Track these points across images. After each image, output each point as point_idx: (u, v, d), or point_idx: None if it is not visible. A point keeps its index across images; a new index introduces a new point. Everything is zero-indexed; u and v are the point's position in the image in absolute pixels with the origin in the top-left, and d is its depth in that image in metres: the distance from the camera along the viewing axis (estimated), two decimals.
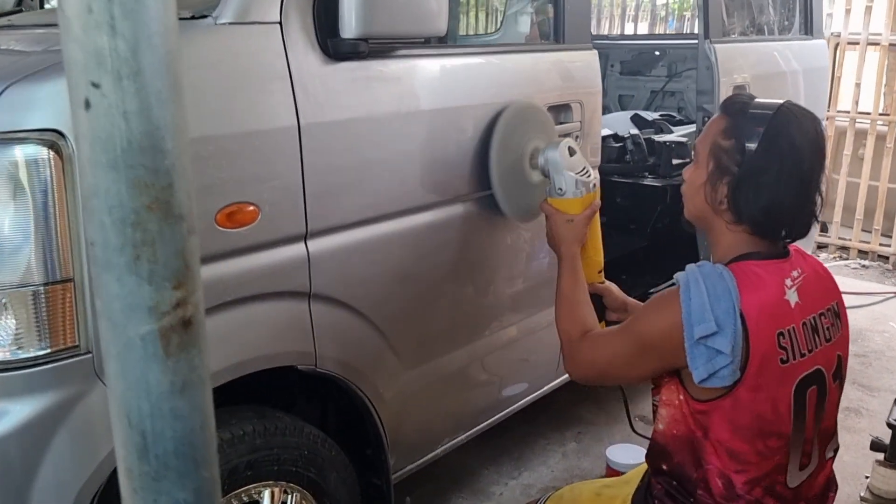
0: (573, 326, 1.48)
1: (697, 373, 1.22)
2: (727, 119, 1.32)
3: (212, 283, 1.35)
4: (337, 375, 1.60)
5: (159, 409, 0.54)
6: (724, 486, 1.29)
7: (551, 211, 1.64)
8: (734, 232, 1.32)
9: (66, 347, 1.22)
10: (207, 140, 1.31)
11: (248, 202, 1.38)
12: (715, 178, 1.31)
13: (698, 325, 1.22)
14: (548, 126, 1.92)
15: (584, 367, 1.45)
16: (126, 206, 0.50)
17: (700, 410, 1.29)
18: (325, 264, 1.52)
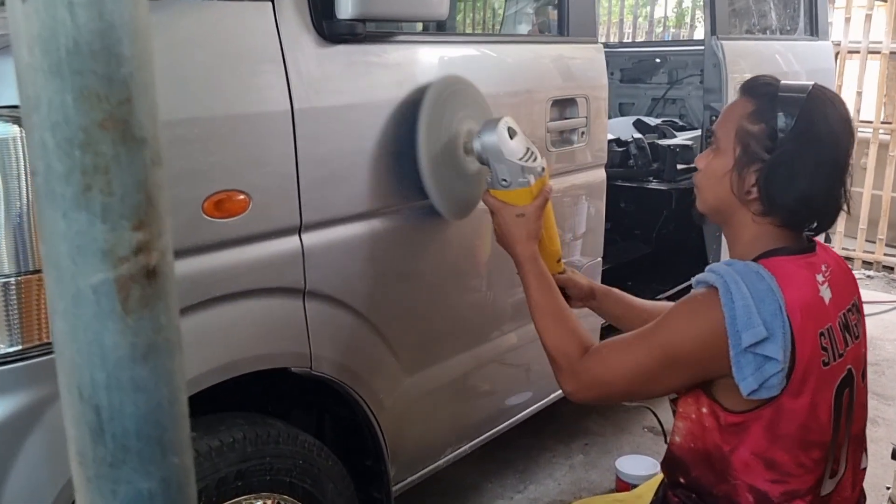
0: (569, 343, 1.28)
1: (747, 384, 1.11)
2: (753, 102, 1.21)
3: (199, 276, 1.26)
4: (334, 379, 1.50)
5: (117, 379, 0.44)
6: (756, 499, 1.19)
7: (497, 205, 1.40)
8: (760, 224, 1.21)
9: (40, 344, 1.12)
10: (194, 122, 1.22)
11: (238, 190, 1.28)
12: (742, 165, 1.20)
13: (746, 332, 1.10)
14: (481, 104, 1.63)
15: (595, 388, 1.26)
16: (73, 122, 0.41)
17: (735, 423, 1.18)
18: (320, 259, 1.42)
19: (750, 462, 1.18)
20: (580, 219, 2.09)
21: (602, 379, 1.25)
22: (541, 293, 1.36)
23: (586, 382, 1.26)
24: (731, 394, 1.17)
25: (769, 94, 1.21)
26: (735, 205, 1.23)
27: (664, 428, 1.42)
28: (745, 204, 1.21)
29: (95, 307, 0.43)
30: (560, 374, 1.29)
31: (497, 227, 1.43)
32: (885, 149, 4.66)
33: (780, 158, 1.17)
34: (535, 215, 1.40)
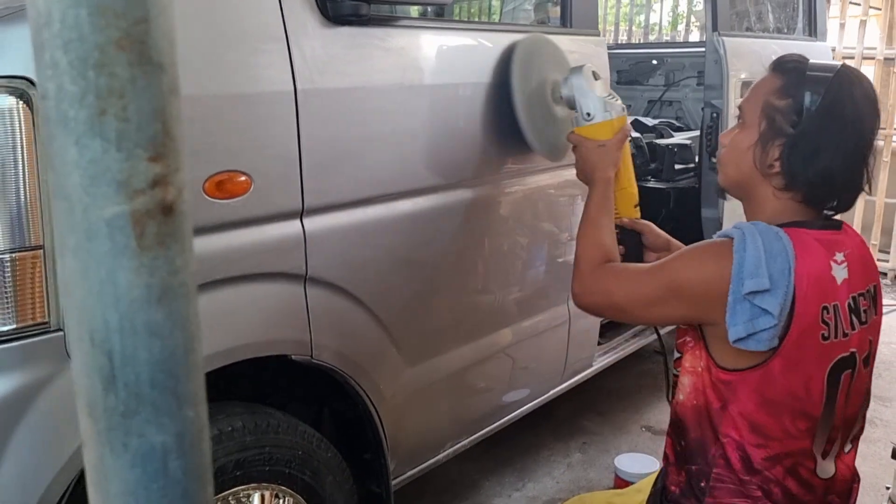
0: (594, 250, 1.36)
1: (735, 330, 1.14)
2: (781, 78, 1.22)
3: (200, 258, 1.22)
4: (334, 368, 1.47)
5: (130, 323, 0.41)
6: (742, 459, 1.21)
7: (580, 140, 1.51)
8: (780, 199, 1.22)
9: (34, 324, 1.09)
10: (195, 100, 1.19)
11: (239, 171, 1.25)
12: (767, 138, 1.21)
13: (750, 279, 1.13)
14: (562, 58, 1.79)
15: (597, 295, 1.34)
16: (88, 39, 0.38)
17: (724, 380, 1.21)
18: (322, 245, 1.39)
19: (737, 422, 1.21)
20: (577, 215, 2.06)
21: (606, 287, 1.32)
22: (595, 207, 1.43)
23: (591, 287, 1.34)
24: (723, 349, 1.20)
25: (797, 70, 1.21)
26: (757, 179, 1.24)
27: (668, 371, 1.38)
28: (768, 178, 1.22)
29: (109, 243, 0.40)
30: (575, 275, 1.36)
31: (578, 160, 1.52)
32: (879, 154, 4.67)
33: (804, 133, 1.17)
34: (615, 147, 1.49)
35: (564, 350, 2.09)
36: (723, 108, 2.43)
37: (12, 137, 1.04)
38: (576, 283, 1.35)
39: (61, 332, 1.10)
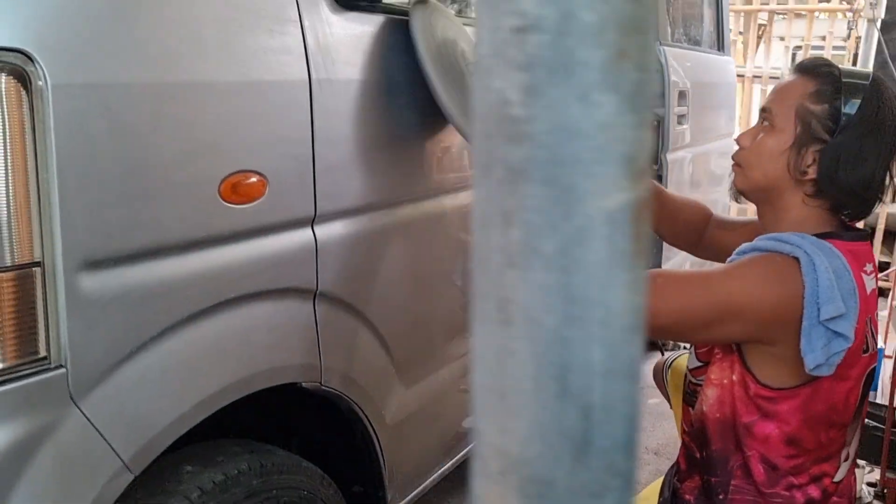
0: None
1: (814, 357, 1.09)
2: (814, 82, 1.19)
3: (215, 273, 1.04)
4: (342, 394, 1.31)
5: (616, 362, 0.28)
6: (766, 471, 1.19)
7: None
8: (809, 206, 1.19)
9: (29, 361, 0.86)
10: (209, 87, 1.01)
11: (254, 171, 1.08)
12: (802, 143, 1.17)
13: (827, 305, 1.08)
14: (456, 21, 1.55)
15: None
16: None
17: (766, 397, 1.17)
18: (332, 256, 1.24)
19: (771, 436, 1.18)
20: None
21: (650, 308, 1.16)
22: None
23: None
24: (767, 366, 1.16)
25: (832, 75, 1.19)
26: (787, 184, 1.20)
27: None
28: (799, 184, 1.19)
29: (605, 247, 0.27)
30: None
31: None
32: None
33: (846, 141, 1.15)
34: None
35: None
36: (665, 115, 2.47)
37: (6, 125, 0.82)
38: None
39: (63, 368, 0.88)
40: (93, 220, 0.89)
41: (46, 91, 0.83)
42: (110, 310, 0.91)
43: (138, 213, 0.93)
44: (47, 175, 0.85)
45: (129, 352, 0.95)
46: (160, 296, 0.97)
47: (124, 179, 0.91)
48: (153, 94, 0.94)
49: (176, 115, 0.97)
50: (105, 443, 0.92)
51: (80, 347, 0.89)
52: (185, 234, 0.99)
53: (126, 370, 0.94)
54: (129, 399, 0.95)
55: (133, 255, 0.93)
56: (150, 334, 0.97)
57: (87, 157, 0.88)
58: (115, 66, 0.90)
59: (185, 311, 1.00)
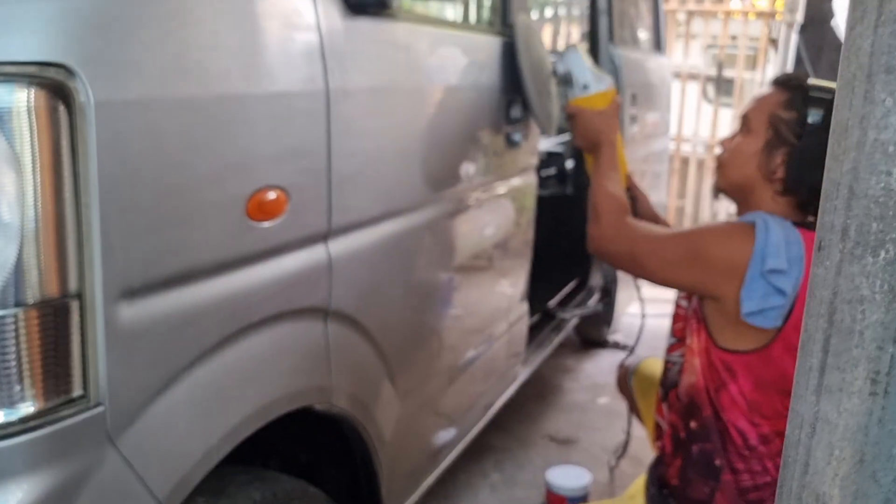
0: (613, 201, 1.45)
1: (749, 304, 1.24)
2: (786, 93, 1.35)
3: (242, 296, 1.00)
4: (348, 414, 1.27)
5: None
6: (741, 437, 1.33)
7: (579, 109, 1.62)
8: (778, 203, 1.35)
9: (66, 401, 0.79)
10: (238, 100, 0.95)
11: (277, 186, 1.03)
12: (772, 146, 1.34)
13: (772, 258, 1.24)
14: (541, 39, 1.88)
15: (619, 242, 1.42)
16: None
17: (723, 361, 1.32)
18: (343, 272, 1.20)
19: (736, 400, 1.32)
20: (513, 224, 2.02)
21: (629, 237, 1.41)
22: (608, 167, 1.53)
23: (613, 233, 1.42)
24: (724, 329, 1.32)
25: (801, 87, 1.35)
26: (758, 182, 1.36)
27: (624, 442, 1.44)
28: (769, 182, 1.35)
29: None
30: (594, 221, 1.46)
31: (580, 127, 1.61)
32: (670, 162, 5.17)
33: (810, 145, 1.30)
34: (612, 113, 1.62)
35: (506, 353, 2.04)
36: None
37: (42, 149, 0.75)
38: (595, 228, 1.45)
39: (102, 407, 0.82)
40: (132, 245, 0.83)
41: (89, 108, 0.76)
42: (145, 341, 0.85)
43: (173, 235, 0.87)
44: (88, 199, 0.78)
45: (162, 385, 0.89)
46: (190, 323, 0.91)
47: (161, 201, 0.85)
48: (188, 109, 0.88)
49: (208, 130, 0.91)
50: (142, 483, 0.86)
51: (118, 383, 0.83)
52: (215, 256, 0.94)
53: (159, 404, 0.88)
54: (162, 435, 0.89)
55: (167, 281, 0.87)
56: (182, 364, 0.91)
57: (127, 179, 0.81)
58: (153, 81, 0.83)
59: (213, 338, 0.95)
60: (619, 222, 1.42)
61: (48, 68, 0.74)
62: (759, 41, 5.29)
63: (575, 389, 3.03)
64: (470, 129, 1.57)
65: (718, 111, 5.12)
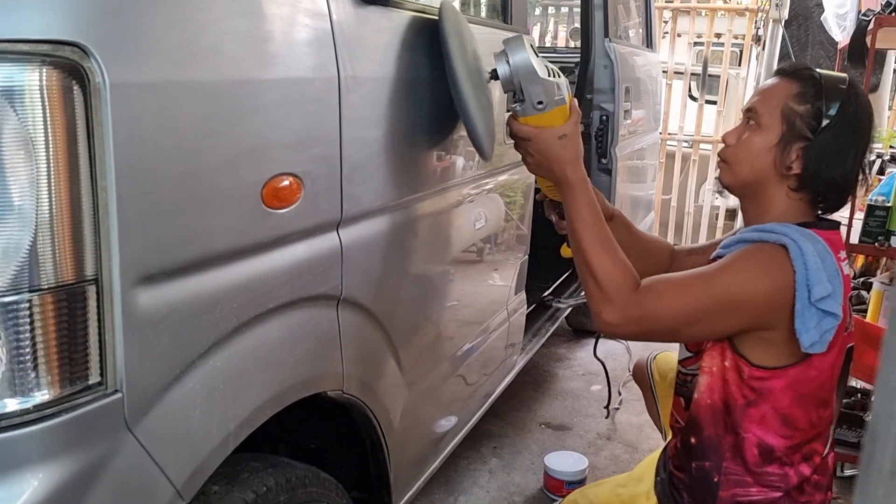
0: (621, 274, 1.21)
1: (808, 336, 1.18)
2: (798, 84, 1.28)
3: (258, 283, 0.99)
4: (359, 401, 1.26)
5: None
6: (761, 453, 1.27)
7: (534, 132, 1.24)
8: (791, 199, 1.29)
9: (83, 388, 0.78)
10: (254, 85, 0.94)
11: (291, 174, 1.02)
12: (787, 141, 1.26)
13: (817, 286, 1.17)
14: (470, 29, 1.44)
15: (642, 322, 1.20)
16: None
17: (759, 377, 1.25)
18: (354, 260, 1.19)
19: (767, 416, 1.25)
20: (514, 214, 2.02)
21: (652, 313, 1.20)
22: (593, 218, 1.25)
23: (634, 315, 1.20)
24: (759, 349, 1.24)
25: (813, 78, 1.28)
26: (772, 178, 1.28)
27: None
28: (784, 178, 1.27)
29: None
30: (605, 304, 1.20)
31: (535, 154, 1.27)
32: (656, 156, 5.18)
33: (827, 139, 1.24)
34: (575, 132, 1.27)
35: (506, 340, 2.04)
36: (613, 111, 2.52)
37: (57, 130, 0.73)
38: (608, 312, 1.20)
39: (119, 394, 0.80)
40: (149, 231, 0.81)
41: (104, 89, 0.75)
42: (162, 327, 0.84)
43: (191, 220, 0.86)
44: (105, 182, 0.76)
45: (178, 372, 0.87)
46: (208, 309, 0.90)
47: (178, 186, 0.84)
48: (203, 93, 0.86)
49: (224, 116, 0.90)
50: (159, 470, 0.85)
51: (136, 370, 0.82)
52: (231, 242, 0.93)
53: (176, 391, 0.87)
54: (179, 422, 0.88)
55: (185, 266, 0.86)
56: (199, 351, 0.90)
57: (144, 163, 0.80)
58: (168, 64, 0.82)
59: (229, 324, 0.94)
60: (635, 299, 1.19)
61: (62, 47, 0.72)
62: (745, 38, 5.30)
63: (568, 377, 3.05)
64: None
65: (703, 108, 5.13)
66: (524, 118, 1.25)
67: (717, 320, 1.22)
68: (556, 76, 1.25)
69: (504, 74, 1.24)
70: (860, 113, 1.26)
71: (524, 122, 1.26)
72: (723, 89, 5.06)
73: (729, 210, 5.17)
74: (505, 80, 1.24)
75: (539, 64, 1.24)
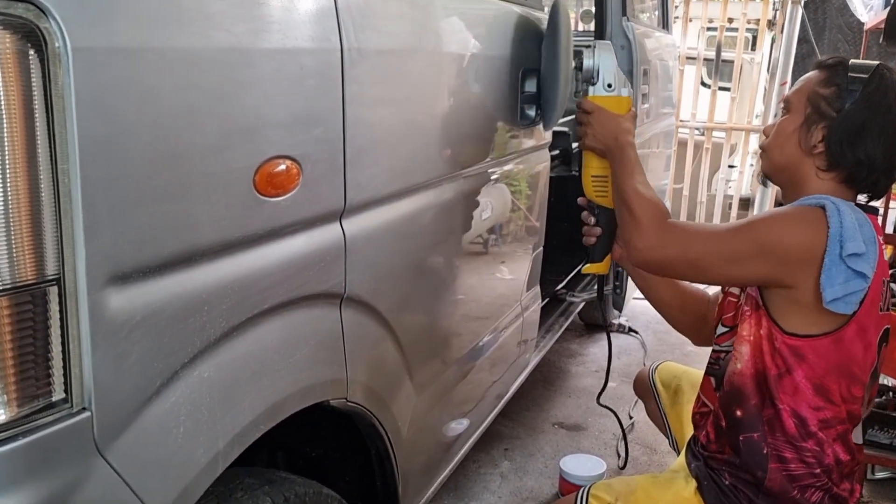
0: (652, 206, 1.30)
1: (831, 290, 1.18)
2: (826, 71, 1.32)
3: (251, 280, 0.87)
4: (364, 409, 1.15)
5: None
6: (797, 425, 1.28)
7: (597, 107, 1.43)
8: (823, 180, 1.30)
9: (45, 407, 0.67)
10: (244, 55, 0.82)
11: (288, 157, 0.90)
12: (811, 122, 1.28)
13: (850, 242, 1.18)
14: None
15: (670, 248, 1.28)
16: None
17: (791, 346, 1.26)
18: (359, 254, 1.08)
19: (801, 386, 1.26)
20: (528, 204, 1.90)
21: (680, 241, 1.28)
22: (636, 168, 1.36)
23: (661, 241, 1.28)
24: (792, 315, 1.25)
25: (840, 64, 1.30)
26: (801, 159, 1.30)
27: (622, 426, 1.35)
28: (811, 158, 1.29)
29: None
30: (639, 229, 1.29)
31: (594, 125, 1.42)
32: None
33: (848, 116, 1.25)
34: (630, 120, 1.43)
35: (519, 337, 1.93)
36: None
37: (15, 100, 0.62)
38: (640, 238, 1.29)
39: (87, 412, 0.69)
40: (122, 221, 0.70)
41: (66, 55, 0.63)
42: (138, 334, 0.73)
43: (171, 209, 0.75)
44: (67, 165, 0.65)
45: (158, 384, 0.76)
46: (193, 312, 0.79)
47: (156, 168, 0.73)
48: (187, 63, 0.75)
49: (211, 88, 0.78)
50: (137, 499, 0.74)
51: (107, 384, 0.70)
52: (219, 234, 0.81)
53: (155, 407, 0.76)
54: (159, 442, 0.77)
55: (165, 263, 0.75)
56: (182, 360, 0.79)
57: (115, 142, 0.68)
58: (144, 28, 0.70)
59: (218, 329, 0.83)
60: (665, 226, 1.28)
61: (14, 4, 0.61)
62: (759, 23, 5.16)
63: (581, 374, 2.93)
64: (489, 101, 1.44)
65: (716, 94, 4.99)
66: (594, 97, 1.45)
67: (740, 259, 1.25)
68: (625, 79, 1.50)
69: (588, 66, 1.46)
70: (884, 93, 1.26)
71: (595, 99, 1.45)
72: (736, 75, 4.93)
73: (742, 199, 5.04)
74: (587, 70, 1.46)
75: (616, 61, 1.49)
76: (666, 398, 1.73)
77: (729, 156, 5.10)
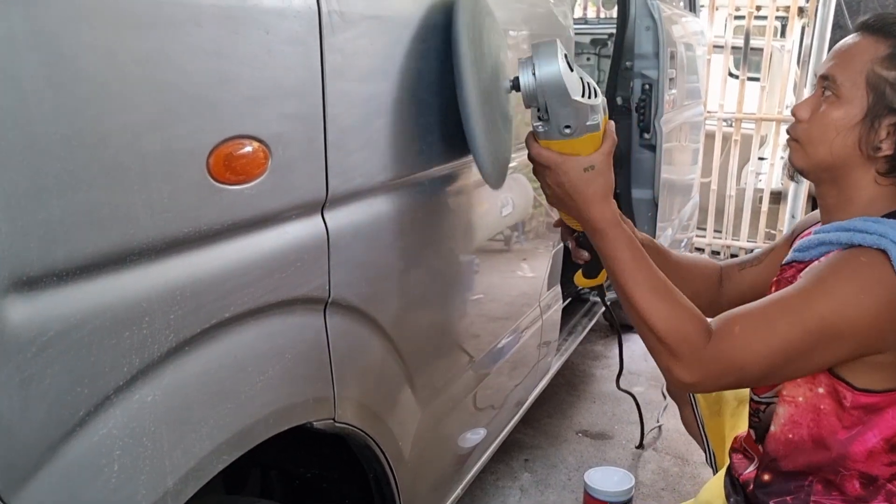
0: (687, 324, 0.99)
1: None
2: (886, 43, 1.03)
3: (208, 284, 0.72)
4: (357, 430, 1.01)
5: None
6: (863, 485, 1.09)
7: (557, 160, 1.01)
8: (882, 186, 1.06)
9: None
10: (195, 11, 0.68)
11: (252, 136, 0.76)
12: (875, 115, 1.03)
13: None
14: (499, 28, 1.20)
15: (726, 376, 0.99)
16: None
17: (866, 404, 1.05)
18: (344, 252, 0.93)
19: (875, 448, 1.06)
20: None
21: (735, 363, 0.98)
22: (637, 265, 1.02)
23: (715, 371, 0.99)
24: (864, 372, 1.04)
25: None
26: (856, 161, 1.07)
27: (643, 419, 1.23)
28: (871, 161, 1.06)
29: None
30: (674, 361, 0.99)
31: (555, 186, 1.04)
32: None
33: None
34: (606, 165, 1.03)
35: (539, 339, 1.78)
36: (657, 78, 2.23)
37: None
38: (681, 369, 0.99)
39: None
40: (27, 212, 0.56)
41: None
42: (53, 353, 0.59)
43: (97, 198, 0.60)
44: None
45: (82, 414, 0.62)
46: (129, 325, 0.65)
47: (74, 147, 0.58)
48: (116, 16, 0.60)
49: (151, 50, 0.63)
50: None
51: (8, 416, 0.56)
52: (161, 229, 0.67)
53: (77, 443, 0.62)
54: (85, 485, 0.63)
55: (86, 265, 0.60)
56: (115, 384, 0.64)
57: (14, 111, 0.54)
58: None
59: (164, 344, 0.68)
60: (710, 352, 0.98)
61: None
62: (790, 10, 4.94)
63: (607, 378, 2.77)
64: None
65: (745, 83, 4.78)
66: (546, 142, 1.02)
67: (814, 356, 0.99)
68: (591, 95, 1.01)
69: (527, 87, 0.99)
70: None
71: (546, 145, 1.02)
72: (766, 63, 4.72)
73: (773, 193, 4.83)
74: (528, 94, 1.00)
75: (572, 80, 0.99)
76: (705, 406, 1.55)
77: (759, 147, 4.90)
